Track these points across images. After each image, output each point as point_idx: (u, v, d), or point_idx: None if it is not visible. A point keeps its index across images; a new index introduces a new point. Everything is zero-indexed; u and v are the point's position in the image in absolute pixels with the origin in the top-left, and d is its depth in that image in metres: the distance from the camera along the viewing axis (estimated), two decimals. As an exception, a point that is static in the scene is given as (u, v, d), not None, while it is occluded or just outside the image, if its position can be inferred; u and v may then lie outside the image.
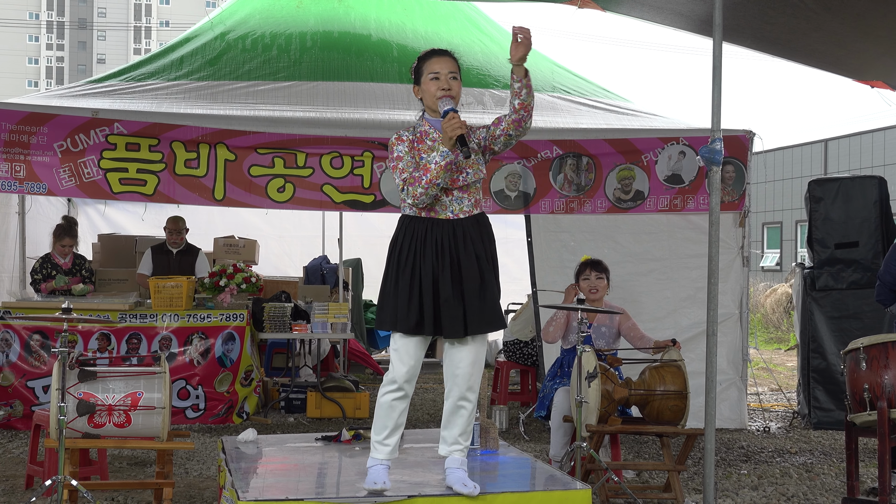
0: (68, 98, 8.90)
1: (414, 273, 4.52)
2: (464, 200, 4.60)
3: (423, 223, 4.56)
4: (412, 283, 4.52)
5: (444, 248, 4.53)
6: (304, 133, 8.43)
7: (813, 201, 9.35)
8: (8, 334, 8.38)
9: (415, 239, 4.55)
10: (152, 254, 10.03)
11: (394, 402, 4.59)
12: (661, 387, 6.03)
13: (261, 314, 9.11)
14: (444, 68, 4.62)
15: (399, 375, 4.57)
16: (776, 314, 19.63)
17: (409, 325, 4.51)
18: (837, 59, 8.37)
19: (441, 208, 4.58)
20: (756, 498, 6.42)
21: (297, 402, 9.39)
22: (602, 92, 10.06)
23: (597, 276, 6.80)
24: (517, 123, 4.58)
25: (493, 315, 4.57)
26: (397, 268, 4.56)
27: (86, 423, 5.23)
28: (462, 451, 4.68)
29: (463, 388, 4.63)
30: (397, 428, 4.62)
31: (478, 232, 4.61)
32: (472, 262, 4.54)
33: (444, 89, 4.57)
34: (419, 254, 4.53)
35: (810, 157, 29.06)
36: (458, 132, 4.43)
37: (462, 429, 4.66)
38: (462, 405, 4.65)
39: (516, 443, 7.83)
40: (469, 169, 4.60)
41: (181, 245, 10.06)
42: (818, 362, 9.19)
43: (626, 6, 7.94)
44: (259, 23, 9.86)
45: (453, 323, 4.50)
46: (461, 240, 4.55)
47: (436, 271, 4.52)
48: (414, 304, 4.51)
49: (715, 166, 5.51)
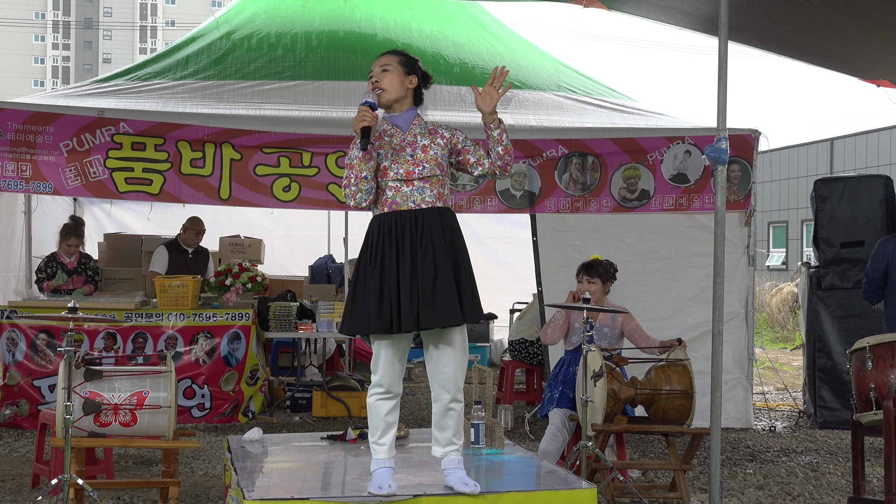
0: (74, 98, 8.92)
1: (384, 269, 4.49)
2: (425, 191, 4.56)
3: (388, 217, 4.55)
4: (382, 280, 4.47)
5: (405, 239, 4.50)
6: (309, 132, 8.43)
7: (819, 200, 9.34)
8: (14, 333, 8.39)
9: (381, 233, 4.54)
10: (168, 251, 10.01)
11: (379, 402, 4.58)
12: (667, 386, 6.02)
13: (266, 313, 9.12)
14: (375, 64, 4.68)
15: (383, 379, 4.56)
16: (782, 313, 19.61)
17: (384, 325, 4.46)
18: (843, 57, 8.35)
19: (402, 199, 4.55)
20: (762, 497, 6.41)
21: (302, 401, 9.39)
22: (607, 91, 10.06)
23: (588, 281, 6.76)
24: (503, 168, 4.70)
25: (446, 310, 4.44)
26: (367, 268, 4.53)
27: (92, 422, 5.24)
28: (457, 450, 4.66)
29: (451, 391, 4.61)
30: (389, 427, 4.60)
31: (438, 224, 4.54)
32: (428, 254, 4.48)
33: (374, 81, 4.62)
34: (386, 248, 4.51)
35: (816, 157, 29.02)
36: (361, 125, 4.44)
37: (454, 429, 4.65)
38: (452, 407, 4.62)
39: (522, 442, 7.83)
40: (425, 163, 4.56)
41: (195, 245, 10.09)
42: (824, 361, 9.18)
43: (632, 5, 7.93)
44: (264, 22, 9.87)
45: (407, 316, 4.43)
46: (420, 230, 4.51)
47: (398, 263, 4.48)
48: (385, 301, 4.46)
49: (720, 165, 5.50)
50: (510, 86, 4.69)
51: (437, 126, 4.74)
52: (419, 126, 4.69)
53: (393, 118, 4.67)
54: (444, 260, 4.50)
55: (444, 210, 4.61)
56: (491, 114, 4.63)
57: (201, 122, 8.31)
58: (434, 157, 4.60)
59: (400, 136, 4.63)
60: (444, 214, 4.60)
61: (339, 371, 10.38)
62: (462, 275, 4.57)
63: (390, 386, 4.57)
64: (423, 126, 4.71)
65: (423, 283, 4.46)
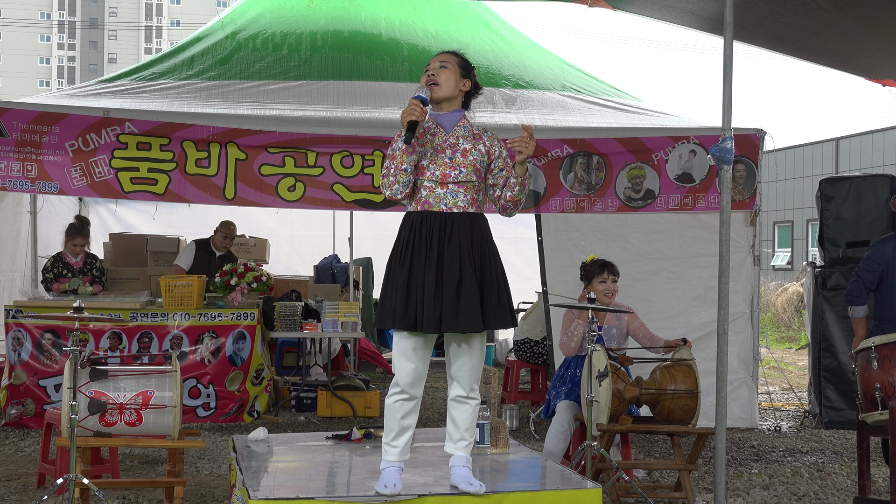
0: (79, 97, 8.93)
1: (413, 267, 4.51)
2: (458, 195, 4.57)
3: (419, 216, 4.56)
4: (410, 278, 4.50)
5: (433, 241, 4.51)
6: (314, 132, 8.43)
7: (824, 200, 9.33)
8: (20, 333, 8.40)
9: (412, 231, 4.55)
10: (196, 249, 10.04)
11: (398, 403, 4.58)
12: (672, 386, 6.02)
13: (271, 313, 9.12)
14: (435, 60, 4.68)
15: (401, 379, 4.56)
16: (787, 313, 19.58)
17: (409, 322, 4.48)
18: (849, 57, 8.34)
19: (435, 200, 4.56)
20: (767, 497, 6.41)
21: (307, 400, 9.40)
22: (612, 91, 10.05)
23: (613, 280, 6.71)
24: (503, 209, 4.78)
25: (468, 316, 4.47)
26: (397, 264, 4.56)
27: (97, 422, 5.25)
28: (468, 446, 4.67)
29: (467, 388, 4.64)
30: (404, 430, 4.60)
31: (468, 230, 4.56)
32: (454, 259, 4.49)
33: (430, 74, 4.62)
34: (416, 246, 4.52)
35: (821, 156, 28.98)
36: (409, 118, 4.45)
37: (468, 424, 4.67)
38: (467, 402, 4.66)
39: (527, 442, 7.83)
40: (462, 167, 4.56)
41: (225, 250, 10.12)
42: (829, 361, 9.17)
43: (637, 5, 7.93)
44: (269, 22, 9.88)
45: (429, 318, 4.45)
46: (448, 235, 4.52)
47: (425, 263, 4.50)
48: (411, 298, 4.49)
49: (726, 165, 5.50)
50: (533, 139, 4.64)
51: (482, 131, 4.72)
52: (464, 128, 4.67)
53: (439, 117, 4.66)
54: (470, 266, 4.52)
55: (476, 216, 4.63)
56: (521, 164, 4.62)
57: (206, 122, 8.31)
58: (473, 162, 4.59)
59: (442, 136, 4.63)
60: (474, 220, 4.61)
61: (344, 371, 10.39)
62: (488, 281, 4.57)
63: (408, 387, 4.56)
64: (469, 129, 4.68)
65: (447, 287, 4.47)
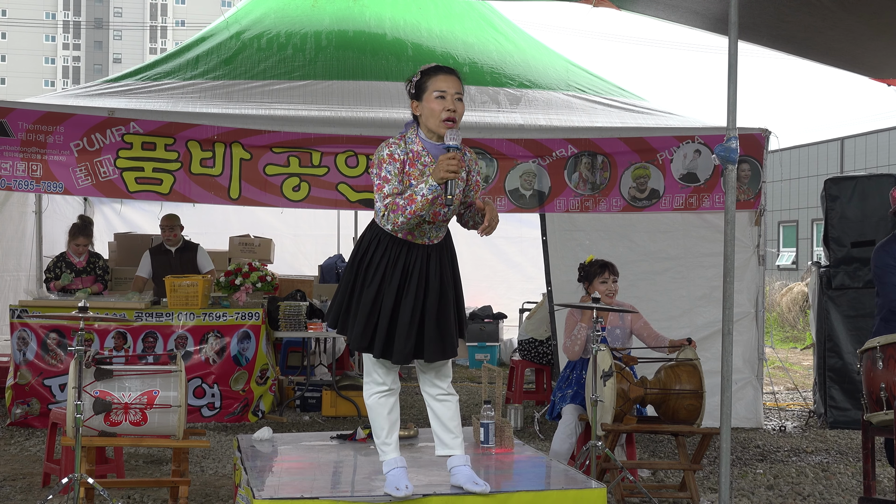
0: (84, 97, 8.94)
1: (378, 293, 4.42)
2: (441, 229, 4.52)
3: (399, 245, 4.43)
4: (374, 304, 4.43)
5: (413, 272, 4.43)
6: (319, 132, 8.44)
7: (829, 200, 9.32)
8: (25, 333, 8.42)
9: (386, 257, 4.43)
10: (151, 255, 10.02)
11: (382, 399, 4.58)
12: (677, 386, 6.02)
13: (276, 313, 9.13)
14: (451, 88, 4.40)
15: (376, 376, 4.58)
16: (792, 313, 19.55)
17: (362, 346, 4.46)
18: (854, 57, 8.32)
19: (419, 234, 4.45)
20: (772, 497, 6.40)
21: (312, 400, 9.40)
22: (617, 90, 10.05)
23: (613, 280, 6.72)
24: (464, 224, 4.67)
25: (451, 345, 4.49)
26: (363, 281, 4.45)
27: (102, 422, 5.25)
28: (461, 443, 4.65)
29: (445, 384, 4.64)
30: (394, 425, 4.60)
31: (448, 255, 4.55)
32: (436, 290, 4.45)
33: (450, 110, 4.36)
34: (387, 275, 4.42)
35: (826, 156, 28.95)
36: (450, 177, 4.25)
37: (456, 420, 4.65)
38: (448, 399, 4.64)
39: (531, 442, 7.83)
40: (452, 205, 4.41)
41: (178, 242, 10.04)
42: (834, 361, 9.16)
43: (642, 4, 7.92)
44: (274, 22, 9.88)
45: (401, 350, 4.42)
46: (433, 265, 4.47)
47: (398, 296, 4.41)
48: (370, 326, 4.42)
49: (730, 165, 5.49)
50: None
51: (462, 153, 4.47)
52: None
53: (434, 147, 4.43)
54: (450, 294, 4.51)
55: (448, 237, 4.59)
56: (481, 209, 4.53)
57: (211, 122, 8.32)
58: (459, 195, 4.41)
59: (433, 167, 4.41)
60: (448, 243, 4.58)
61: (349, 370, 10.38)
62: (460, 303, 4.60)
63: (385, 381, 4.57)
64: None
65: (428, 318, 4.44)
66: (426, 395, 4.69)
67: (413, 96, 4.52)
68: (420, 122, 4.49)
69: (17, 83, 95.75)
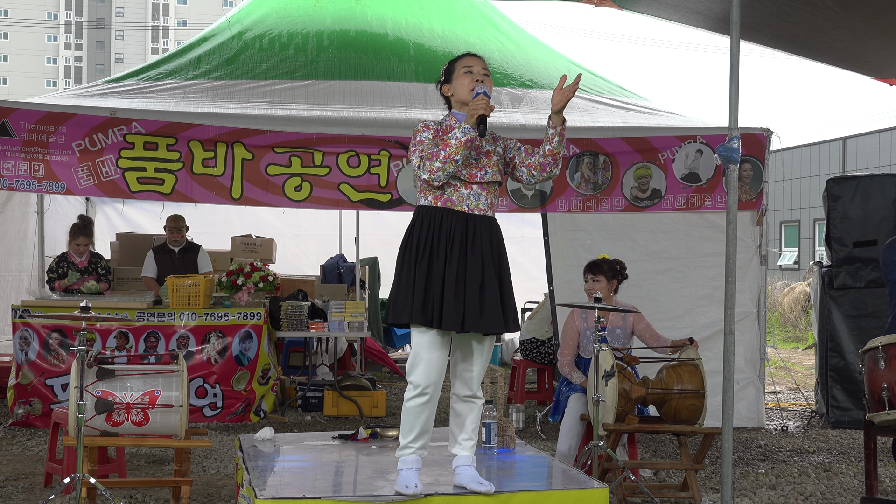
0: (86, 97, 8.94)
1: (431, 264, 4.53)
2: (481, 197, 4.64)
3: (439, 213, 4.59)
4: (429, 275, 4.52)
5: (455, 240, 4.55)
6: (320, 132, 8.44)
7: (831, 199, 9.31)
8: (27, 333, 8.42)
9: (431, 228, 4.57)
10: (154, 255, 10.05)
11: (417, 407, 4.56)
12: (679, 386, 6.02)
13: (278, 313, 9.13)
14: (477, 64, 4.74)
15: (419, 378, 4.55)
16: (794, 313, 19.55)
17: (426, 318, 4.49)
18: (856, 56, 8.32)
19: (458, 199, 4.60)
20: (774, 497, 6.40)
21: (314, 400, 9.40)
22: (619, 90, 10.04)
23: (593, 279, 6.77)
24: (542, 167, 4.74)
25: (492, 317, 4.53)
26: (414, 259, 4.55)
27: (104, 421, 5.25)
28: (473, 445, 4.69)
29: (475, 387, 4.68)
30: (423, 433, 4.60)
31: (488, 233, 4.63)
32: (477, 261, 4.55)
33: (479, 81, 4.67)
34: (435, 243, 4.55)
35: (828, 156, 28.94)
36: (482, 112, 4.51)
37: (476, 423, 4.71)
38: (474, 401, 4.69)
39: (533, 441, 7.83)
40: (488, 168, 4.64)
41: (182, 243, 10.09)
42: (836, 361, 9.16)
43: (644, 4, 7.92)
44: (276, 22, 9.89)
45: (450, 316, 4.48)
46: (471, 236, 4.57)
47: (446, 261, 4.53)
48: (430, 295, 4.50)
49: (732, 164, 5.49)
50: (575, 89, 4.64)
51: (495, 134, 4.81)
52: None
53: (463, 118, 4.68)
54: (492, 269, 4.58)
55: (493, 220, 4.70)
56: (557, 113, 4.63)
57: (213, 122, 8.32)
58: (496, 163, 4.70)
59: None
60: (493, 225, 4.68)
61: (351, 370, 10.39)
62: (506, 286, 4.64)
63: (426, 386, 4.55)
64: (489, 132, 4.72)
65: (469, 287, 4.51)
66: (454, 395, 4.72)
67: (444, 81, 4.81)
68: (452, 103, 4.78)
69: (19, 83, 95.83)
